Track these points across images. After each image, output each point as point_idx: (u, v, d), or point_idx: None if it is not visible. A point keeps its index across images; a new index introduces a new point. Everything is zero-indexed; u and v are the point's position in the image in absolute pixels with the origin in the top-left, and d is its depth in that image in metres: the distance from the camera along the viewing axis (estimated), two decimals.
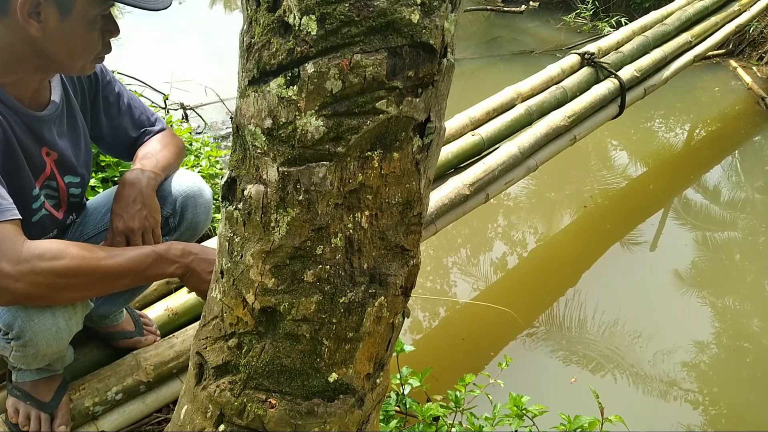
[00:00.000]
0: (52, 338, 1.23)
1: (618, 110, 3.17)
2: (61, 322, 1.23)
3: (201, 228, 1.55)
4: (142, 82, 3.78)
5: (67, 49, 1.18)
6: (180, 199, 1.48)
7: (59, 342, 1.26)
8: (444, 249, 3.13)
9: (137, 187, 1.36)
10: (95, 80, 1.46)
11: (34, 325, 1.19)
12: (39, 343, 1.22)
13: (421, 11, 0.80)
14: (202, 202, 1.52)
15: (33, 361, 1.30)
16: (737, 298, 2.85)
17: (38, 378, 1.43)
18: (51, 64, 1.21)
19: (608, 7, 6.48)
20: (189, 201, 1.49)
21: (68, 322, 1.24)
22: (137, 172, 1.39)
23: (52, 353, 1.29)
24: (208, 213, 1.55)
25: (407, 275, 1.00)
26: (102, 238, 1.50)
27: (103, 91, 1.48)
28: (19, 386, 1.43)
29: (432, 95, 0.88)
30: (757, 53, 5.38)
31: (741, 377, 2.43)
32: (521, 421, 1.57)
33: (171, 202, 1.48)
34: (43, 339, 1.22)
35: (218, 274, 1.03)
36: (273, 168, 0.88)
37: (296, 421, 1.00)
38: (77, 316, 1.27)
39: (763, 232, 3.41)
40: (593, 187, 3.78)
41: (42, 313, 1.19)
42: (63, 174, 1.39)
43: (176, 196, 1.48)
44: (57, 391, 1.46)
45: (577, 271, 2.97)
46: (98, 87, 1.47)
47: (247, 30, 0.87)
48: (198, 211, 1.51)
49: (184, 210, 1.49)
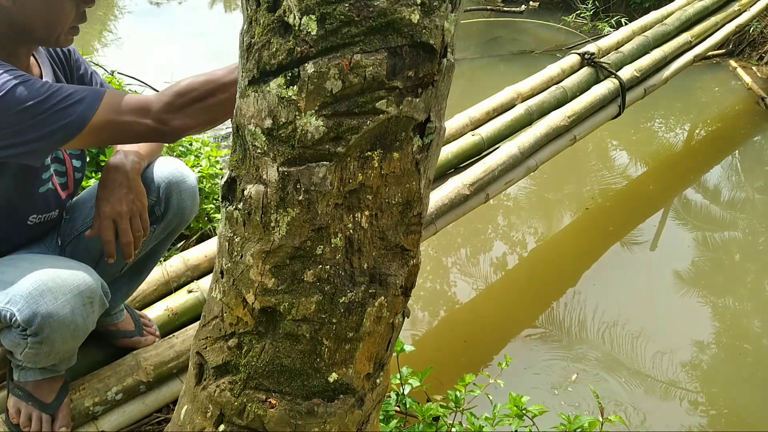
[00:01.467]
0: (69, 336, 1.24)
1: (618, 110, 3.17)
2: (79, 320, 1.23)
3: (188, 214, 1.53)
4: (142, 82, 3.78)
5: (41, 19, 1.19)
6: (163, 185, 1.46)
7: (75, 340, 1.27)
8: (444, 249, 3.13)
9: (122, 171, 1.36)
10: (75, 64, 1.47)
11: (53, 322, 1.19)
12: (56, 340, 1.23)
13: (421, 11, 0.80)
14: (186, 188, 1.49)
15: (43, 359, 1.30)
16: (737, 298, 2.85)
17: (41, 378, 1.42)
18: (27, 36, 1.22)
19: (608, 7, 6.48)
20: (173, 187, 1.47)
21: (86, 320, 1.25)
22: (121, 157, 1.39)
23: (65, 351, 1.30)
24: (194, 198, 1.53)
25: (407, 275, 1.00)
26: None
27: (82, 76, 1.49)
28: (21, 386, 1.42)
29: (432, 95, 0.88)
30: (757, 53, 5.38)
31: (741, 377, 2.43)
32: (521, 421, 1.57)
33: (155, 189, 1.46)
34: (60, 336, 1.22)
35: (218, 274, 1.03)
36: (273, 168, 0.88)
37: (296, 421, 1.00)
38: (94, 315, 1.27)
39: (763, 232, 3.41)
40: (593, 188, 3.78)
41: (62, 309, 1.20)
42: (70, 155, 1.41)
43: (159, 183, 1.46)
44: (59, 393, 1.46)
45: (577, 271, 2.97)
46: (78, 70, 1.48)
47: (247, 30, 0.87)
48: (183, 197, 1.49)
49: (168, 197, 1.47)
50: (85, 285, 1.23)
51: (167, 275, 1.85)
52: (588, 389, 1.66)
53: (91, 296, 1.24)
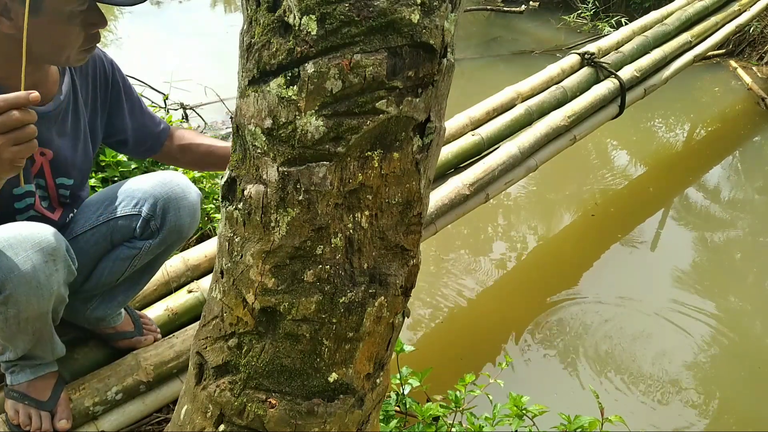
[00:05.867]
0: (33, 295, 1.20)
1: (618, 110, 3.17)
2: (41, 277, 1.20)
3: (186, 231, 1.51)
4: (142, 82, 3.77)
5: (47, 43, 1.18)
6: (161, 202, 1.44)
7: (39, 300, 1.23)
8: (444, 249, 3.13)
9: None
10: (114, 82, 1.46)
11: (14, 278, 1.17)
12: (20, 299, 1.20)
13: (421, 11, 0.80)
14: (185, 204, 1.46)
15: (17, 333, 1.27)
16: (737, 298, 2.85)
17: (33, 378, 1.42)
18: (35, 57, 1.21)
19: (608, 7, 6.48)
20: (171, 204, 1.45)
21: (48, 279, 1.22)
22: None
23: (33, 316, 1.25)
24: (194, 215, 1.50)
25: (407, 275, 1.00)
26: (89, 236, 1.48)
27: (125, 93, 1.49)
28: (15, 388, 1.42)
29: (432, 95, 0.88)
30: (757, 53, 5.38)
31: (741, 377, 2.43)
32: (521, 421, 1.57)
33: (152, 204, 1.44)
34: (24, 295, 1.19)
35: (218, 274, 1.03)
36: (273, 168, 0.88)
37: (296, 421, 1.00)
38: (58, 275, 1.24)
39: (763, 232, 3.41)
40: (593, 188, 3.78)
41: (23, 265, 1.17)
42: (56, 175, 1.38)
43: (157, 199, 1.44)
44: (54, 389, 1.45)
45: (577, 271, 2.97)
46: (119, 89, 1.47)
47: (247, 30, 0.87)
48: (181, 214, 1.46)
49: (165, 213, 1.45)
50: (46, 242, 1.21)
51: (167, 275, 1.85)
52: (588, 389, 1.65)
53: (53, 254, 1.22)
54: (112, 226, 1.47)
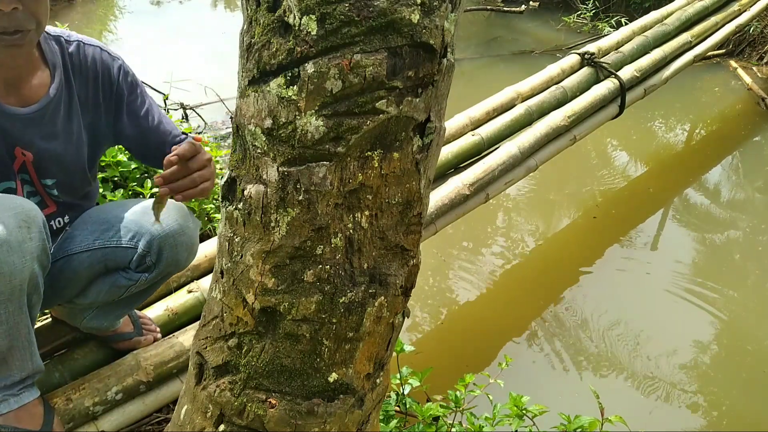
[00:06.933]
0: (3, 258, 1.15)
1: (618, 110, 3.18)
2: (12, 241, 1.15)
3: (183, 263, 1.49)
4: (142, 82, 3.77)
5: None
6: (157, 240, 1.40)
7: (11, 269, 1.17)
8: (444, 249, 3.13)
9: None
10: (118, 86, 1.45)
11: None
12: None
13: (421, 11, 0.80)
14: (183, 240, 1.43)
15: None
16: (737, 299, 2.85)
17: (17, 407, 1.34)
18: None
19: (608, 7, 6.48)
20: (167, 241, 1.41)
21: (21, 245, 1.17)
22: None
23: (6, 290, 1.18)
24: (191, 248, 1.48)
25: (407, 275, 1.00)
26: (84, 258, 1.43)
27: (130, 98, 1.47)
28: (4, 424, 1.34)
29: (432, 95, 0.88)
30: (757, 53, 5.38)
31: (741, 378, 2.43)
32: (521, 421, 1.57)
33: (148, 241, 1.40)
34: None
35: (218, 274, 1.03)
36: (273, 168, 0.88)
37: (296, 421, 1.00)
38: (31, 244, 1.19)
39: (763, 232, 3.41)
40: (593, 188, 3.78)
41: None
42: (41, 176, 1.37)
43: (153, 237, 1.40)
44: (45, 416, 1.40)
45: (577, 271, 2.97)
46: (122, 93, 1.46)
47: (247, 30, 0.87)
48: (178, 250, 1.44)
49: (161, 250, 1.42)
50: (21, 209, 1.19)
51: None
52: (588, 389, 1.65)
53: (27, 221, 1.19)
54: (108, 253, 1.43)
